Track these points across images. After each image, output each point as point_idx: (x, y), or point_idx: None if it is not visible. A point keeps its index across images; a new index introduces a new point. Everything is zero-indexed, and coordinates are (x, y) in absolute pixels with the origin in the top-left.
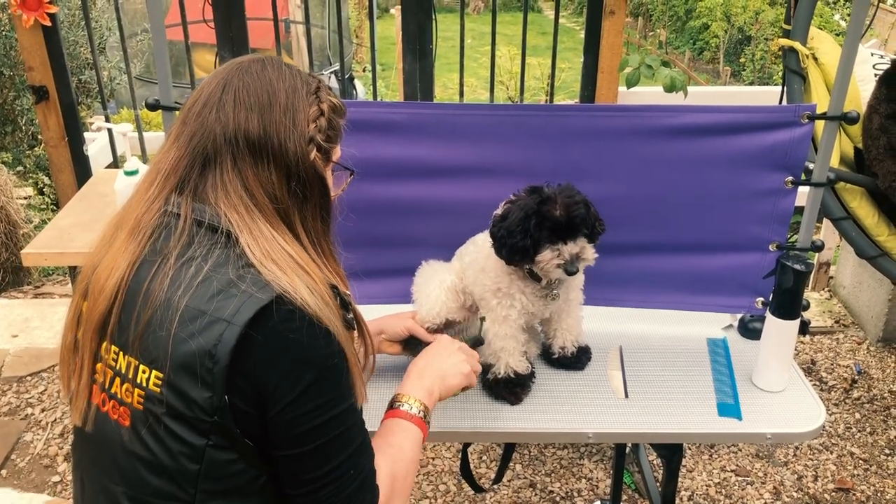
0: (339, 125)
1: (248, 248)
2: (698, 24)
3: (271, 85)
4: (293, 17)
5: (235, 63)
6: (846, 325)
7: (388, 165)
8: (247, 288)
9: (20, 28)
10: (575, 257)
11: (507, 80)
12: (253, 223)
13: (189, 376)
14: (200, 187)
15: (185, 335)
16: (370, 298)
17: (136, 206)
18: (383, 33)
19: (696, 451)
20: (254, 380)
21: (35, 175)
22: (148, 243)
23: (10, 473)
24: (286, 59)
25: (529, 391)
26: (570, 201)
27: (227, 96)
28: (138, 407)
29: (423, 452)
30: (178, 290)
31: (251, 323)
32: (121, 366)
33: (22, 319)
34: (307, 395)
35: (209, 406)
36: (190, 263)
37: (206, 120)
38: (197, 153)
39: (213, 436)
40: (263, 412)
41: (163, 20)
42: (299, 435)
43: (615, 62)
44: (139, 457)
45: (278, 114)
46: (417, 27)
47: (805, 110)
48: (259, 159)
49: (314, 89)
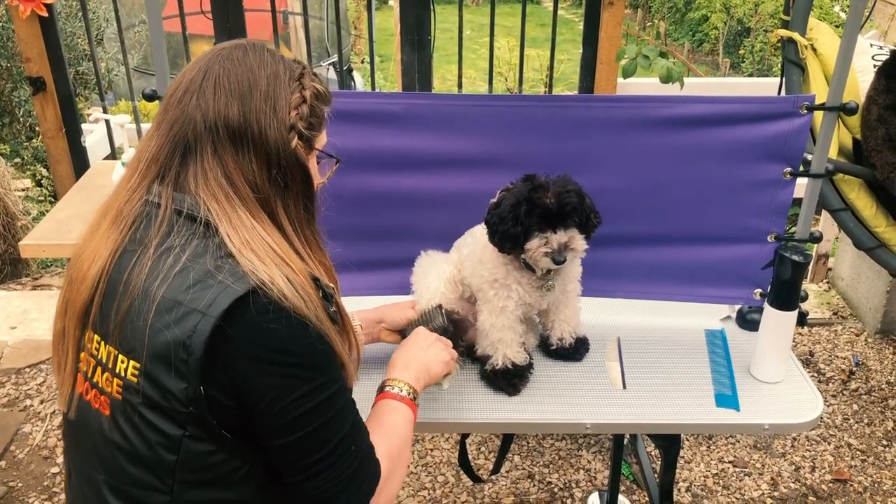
0: (322, 112)
1: (228, 237)
2: (697, 15)
3: (252, 71)
4: (292, 9)
5: (217, 49)
6: (844, 317)
7: (386, 156)
8: (223, 279)
9: (17, 19)
10: (563, 246)
11: (505, 71)
12: (233, 212)
13: (164, 367)
14: (181, 176)
15: (161, 325)
16: (369, 290)
17: (118, 195)
18: (382, 24)
19: (693, 443)
20: (232, 374)
21: (33, 167)
22: (129, 232)
23: (9, 465)
24: (284, 51)
25: (528, 382)
26: (562, 189)
27: (207, 83)
28: (117, 396)
29: (422, 444)
30: (156, 281)
31: (226, 315)
32: (102, 355)
33: (20, 311)
34: (291, 384)
35: (184, 397)
36: (168, 253)
37: (186, 107)
38: (178, 141)
39: (190, 426)
40: (244, 405)
41: (160, 12)
42: (289, 423)
43: (614, 53)
44: (118, 446)
45: (258, 101)
46: (416, 18)
47: (803, 101)
48: (239, 147)
49: (297, 76)
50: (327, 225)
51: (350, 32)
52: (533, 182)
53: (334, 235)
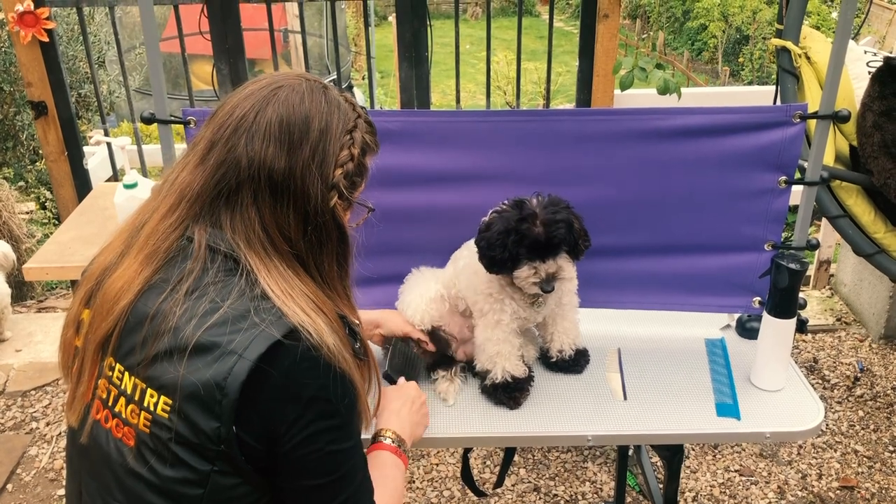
0: (366, 165)
1: (266, 282)
2: (696, 24)
3: (306, 121)
4: (292, 27)
5: (276, 83)
6: (848, 323)
7: (383, 173)
8: (260, 321)
9: (18, 44)
10: (551, 276)
11: (504, 85)
12: (269, 259)
13: (198, 406)
14: (218, 217)
15: (197, 366)
16: (367, 305)
17: (155, 228)
18: (382, 41)
19: (699, 452)
20: (266, 417)
21: (37, 190)
22: (162, 268)
23: (15, 488)
24: (283, 67)
25: (528, 395)
26: (551, 219)
27: (258, 125)
28: (144, 430)
29: (427, 459)
30: (192, 320)
31: (263, 358)
32: (126, 386)
33: (26, 334)
34: (318, 434)
35: (216, 436)
36: (203, 292)
37: (234, 148)
38: (222, 184)
39: (219, 462)
40: (272, 447)
41: (156, 34)
42: (308, 470)
43: (610, 66)
44: (143, 478)
45: (306, 155)
46: (412, 35)
47: (796, 110)
48: (279, 199)
49: (349, 128)
50: None
51: (350, 49)
52: (521, 210)
53: None
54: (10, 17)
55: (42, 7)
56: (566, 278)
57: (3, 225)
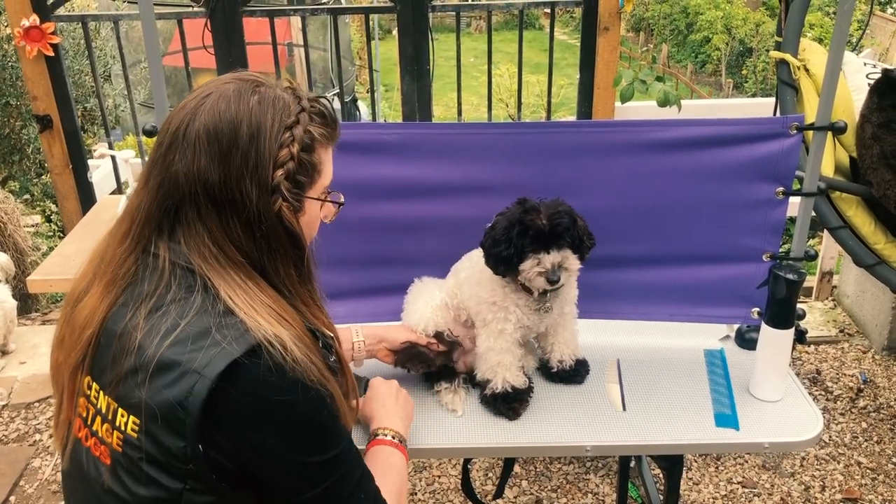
0: (315, 162)
1: (227, 296)
2: (699, 37)
3: (235, 125)
4: (296, 41)
5: (205, 92)
6: (851, 334)
7: (383, 186)
8: (222, 338)
9: (24, 59)
10: (557, 266)
11: (507, 98)
12: (227, 273)
13: (164, 426)
14: (175, 233)
15: (160, 385)
16: (368, 316)
17: (113, 255)
18: (386, 54)
19: (702, 463)
20: (232, 437)
21: (42, 203)
22: (126, 289)
23: (18, 500)
24: (286, 82)
25: (528, 405)
26: (553, 211)
27: (188, 137)
28: (118, 449)
29: (429, 471)
30: (156, 338)
31: (223, 376)
32: (101, 405)
33: (30, 346)
34: (297, 448)
35: (183, 455)
36: (167, 310)
37: (170, 165)
38: (166, 202)
39: (189, 481)
40: (246, 466)
41: (159, 48)
42: (299, 484)
43: (611, 78)
44: (120, 497)
45: (238, 161)
46: (414, 49)
47: (793, 121)
48: (221, 211)
49: (290, 123)
50: (329, 252)
51: (354, 63)
52: (525, 205)
53: (335, 263)
54: (16, 31)
55: (47, 22)
56: (571, 269)
57: (9, 238)
